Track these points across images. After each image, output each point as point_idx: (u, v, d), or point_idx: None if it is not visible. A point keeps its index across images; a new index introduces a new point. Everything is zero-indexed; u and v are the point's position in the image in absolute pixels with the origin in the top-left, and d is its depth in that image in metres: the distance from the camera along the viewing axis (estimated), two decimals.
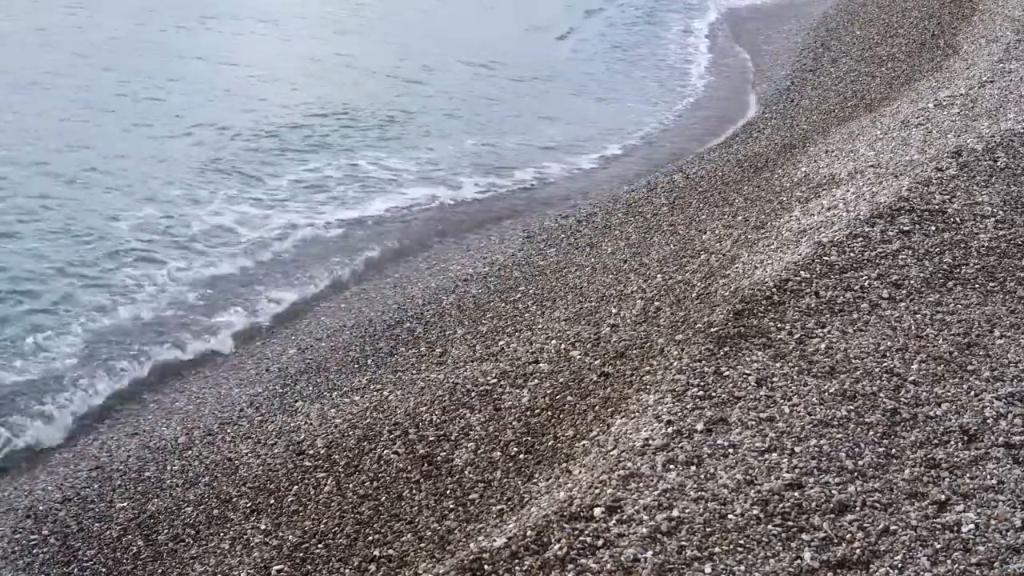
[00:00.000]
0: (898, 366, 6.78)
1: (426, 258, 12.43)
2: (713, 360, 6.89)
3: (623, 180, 14.90)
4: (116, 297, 10.84)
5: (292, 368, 9.61)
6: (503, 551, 5.27)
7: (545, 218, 13.40)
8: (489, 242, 12.72)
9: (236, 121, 16.41)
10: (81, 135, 15.31)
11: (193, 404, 9.24)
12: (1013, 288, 7.92)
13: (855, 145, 12.80)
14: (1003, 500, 5.48)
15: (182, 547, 7.11)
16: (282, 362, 9.82)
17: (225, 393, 9.38)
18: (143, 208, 13.01)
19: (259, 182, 14.24)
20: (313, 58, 20.53)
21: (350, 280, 11.82)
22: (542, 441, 7.00)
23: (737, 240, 10.01)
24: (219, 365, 10.03)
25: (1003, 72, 14.77)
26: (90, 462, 8.32)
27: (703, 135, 17.09)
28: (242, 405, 9.03)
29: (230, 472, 7.83)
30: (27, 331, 9.99)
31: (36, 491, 7.96)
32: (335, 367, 9.51)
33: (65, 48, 19.41)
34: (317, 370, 9.47)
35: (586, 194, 14.42)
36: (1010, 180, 10.00)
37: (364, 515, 6.85)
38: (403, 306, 10.75)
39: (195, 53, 20.13)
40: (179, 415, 9.04)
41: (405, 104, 18.04)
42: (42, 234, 12.14)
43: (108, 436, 8.77)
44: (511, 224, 13.42)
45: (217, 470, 7.91)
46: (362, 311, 10.84)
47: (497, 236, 12.92)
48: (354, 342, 9.99)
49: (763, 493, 5.50)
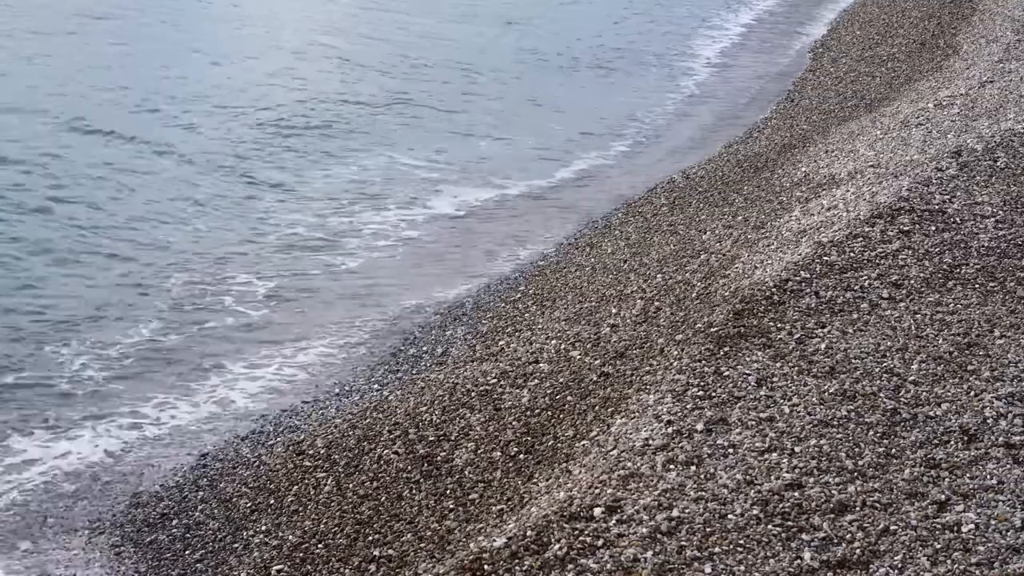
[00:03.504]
0: (898, 366, 6.78)
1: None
2: (713, 360, 6.89)
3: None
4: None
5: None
6: (503, 551, 5.27)
7: (544, 217, 13.42)
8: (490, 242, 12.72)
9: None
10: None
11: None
12: (1013, 288, 7.92)
13: (855, 145, 12.80)
14: (1003, 500, 5.48)
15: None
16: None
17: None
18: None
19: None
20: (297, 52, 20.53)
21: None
22: (542, 441, 7.00)
23: (737, 240, 10.01)
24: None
25: (1003, 72, 14.78)
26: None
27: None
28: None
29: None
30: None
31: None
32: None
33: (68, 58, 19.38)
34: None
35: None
36: (1010, 180, 10.01)
37: (364, 515, 6.85)
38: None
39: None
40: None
41: (409, 102, 18.02)
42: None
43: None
44: (512, 224, 13.42)
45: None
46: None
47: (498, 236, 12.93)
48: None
49: (763, 493, 5.50)
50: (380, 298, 11.11)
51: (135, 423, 8.76)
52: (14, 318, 10.28)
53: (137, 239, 12.15)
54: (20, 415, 8.79)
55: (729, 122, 17.51)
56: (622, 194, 13.94)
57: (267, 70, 19.31)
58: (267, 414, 8.79)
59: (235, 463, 7.97)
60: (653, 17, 26.08)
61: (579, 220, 13.10)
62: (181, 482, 7.85)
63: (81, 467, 8.18)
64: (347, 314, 10.72)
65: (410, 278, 11.65)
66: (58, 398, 9.06)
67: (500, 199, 14.20)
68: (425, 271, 11.82)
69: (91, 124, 15.67)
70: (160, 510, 7.53)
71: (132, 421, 8.79)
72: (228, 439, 8.42)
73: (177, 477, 7.93)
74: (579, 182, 14.99)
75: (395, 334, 10.13)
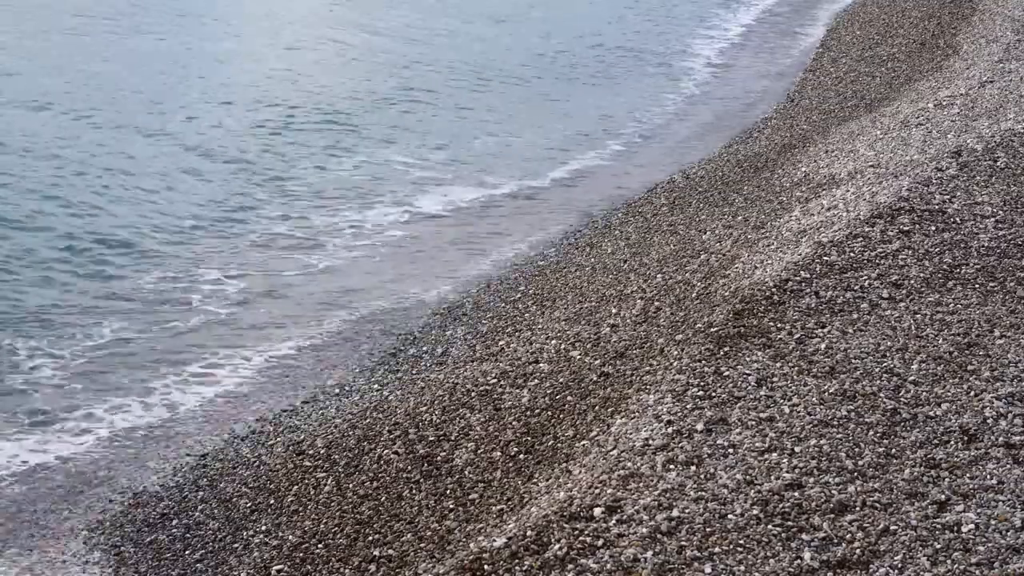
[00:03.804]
0: (898, 366, 6.78)
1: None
2: (713, 360, 6.89)
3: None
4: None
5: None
6: (503, 551, 5.27)
7: (546, 217, 13.42)
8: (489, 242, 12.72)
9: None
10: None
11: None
12: (1013, 288, 7.93)
13: (855, 145, 12.80)
14: (1003, 500, 5.48)
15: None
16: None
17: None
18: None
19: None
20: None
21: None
22: (542, 441, 7.00)
23: (737, 240, 10.02)
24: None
25: (1003, 72, 14.79)
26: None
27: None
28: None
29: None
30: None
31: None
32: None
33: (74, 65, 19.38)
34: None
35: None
36: (1010, 180, 10.01)
37: (364, 515, 6.85)
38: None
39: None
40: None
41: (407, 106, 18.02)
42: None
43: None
44: (511, 223, 13.42)
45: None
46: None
47: (498, 235, 12.93)
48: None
49: (763, 493, 5.50)
50: (351, 298, 11.07)
51: (86, 428, 8.68)
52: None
53: (114, 235, 12.15)
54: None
55: (729, 122, 17.51)
56: (620, 194, 13.95)
57: (266, 69, 19.33)
58: (266, 415, 8.79)
59: (235, 463, 7.97)
60: (653, 16, 26.09)
61: (574, 220, 13.10)
62: (181, 482, 7.85)
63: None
64: (315, 314, 10.66)
65: (385, 277, 11.62)
66: (17, 396, 9.05)
67: (489, 198, 14.20)
68: (403, 271, 11.80)
69: (63, 110, 15.74)
70: (160, 510, 7.53)
71: (84, 426, 8.70)
72: (228, 439, 8.42)
73: (177, 477, 7.93)
74: (573, 181, 14.99)
75: (361, 335, 10.12)
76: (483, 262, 12.00)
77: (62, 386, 9.24)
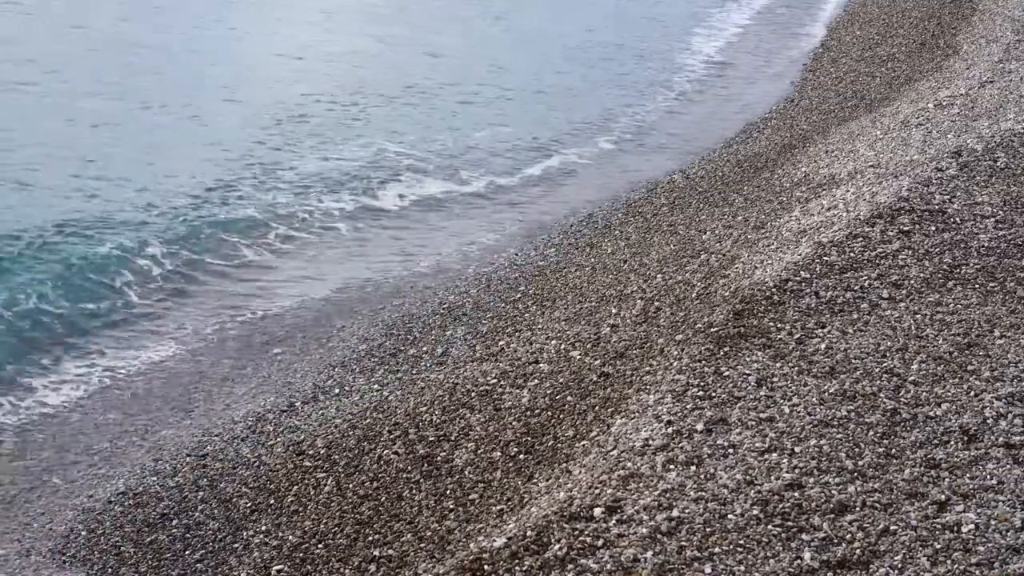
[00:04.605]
0: (898, 366, 6.78)
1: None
2: (713, 360, 6.90)
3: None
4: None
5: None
6: (503, 551, 5.27)
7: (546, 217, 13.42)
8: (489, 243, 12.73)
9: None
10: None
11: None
12: (1013, 288, 7.93)
13: (855, 145, 12.81)
14: (1003, 500, 5.49)
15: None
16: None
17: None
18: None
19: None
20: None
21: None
22: (542, 441, 7.01)
23: (737, 240, 10.02)
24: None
25: (1003, 72, 14.80)
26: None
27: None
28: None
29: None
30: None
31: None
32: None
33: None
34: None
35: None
36: (1010, 180, 10.01)
37: (364, 515, 6.85)
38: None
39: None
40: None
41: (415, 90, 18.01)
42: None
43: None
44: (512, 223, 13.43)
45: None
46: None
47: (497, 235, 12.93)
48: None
49: (763, 493, 5.50)
50: (351, 297, 11.09)
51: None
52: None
53: (109, 218, 12.25)
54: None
55: (728, 122, 17.50)
56: (618, 192, 13.95)
57: (265, 67, 19.35)
58: (265, 416, 8.79)
59: (235, 463, 7.96)
60: (651, 14, 26.07)
61: (568, 216, 13.11)
62: (181, 482, 7.85)
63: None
64: (314, 314, 10.70)
65: (386, 277, 11.65)
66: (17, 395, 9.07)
67: (479, 192, 14.27)
68: (404, 270, 11.82)
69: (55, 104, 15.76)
70: (160, 510, 7.52)
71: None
72: (228, 439, 8.41)
73: (177, 477, 7.93)
74: (564, 179, 15.01)
75: (361, 335, 10.13)
76: (483, 259, 12.00)
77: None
